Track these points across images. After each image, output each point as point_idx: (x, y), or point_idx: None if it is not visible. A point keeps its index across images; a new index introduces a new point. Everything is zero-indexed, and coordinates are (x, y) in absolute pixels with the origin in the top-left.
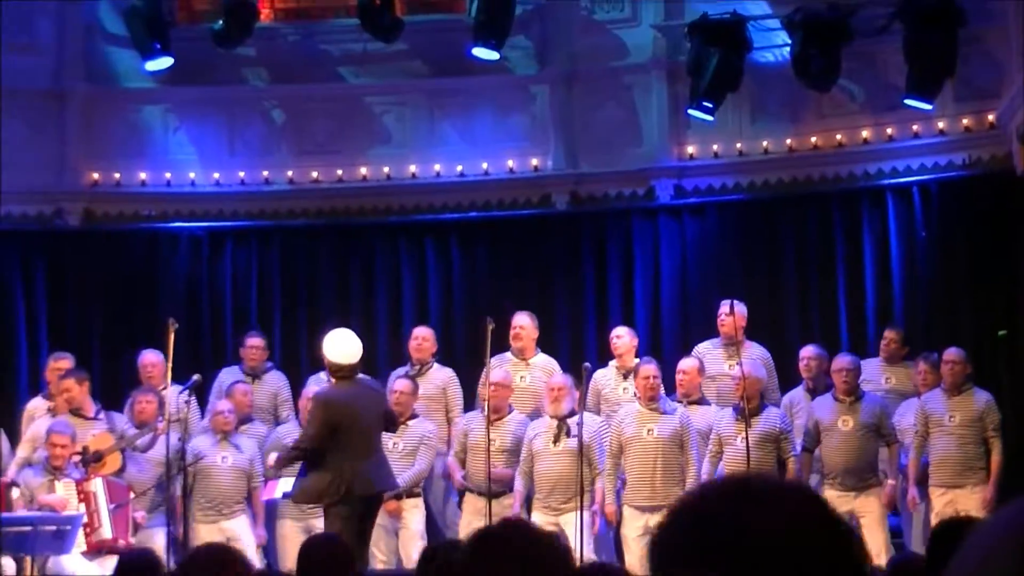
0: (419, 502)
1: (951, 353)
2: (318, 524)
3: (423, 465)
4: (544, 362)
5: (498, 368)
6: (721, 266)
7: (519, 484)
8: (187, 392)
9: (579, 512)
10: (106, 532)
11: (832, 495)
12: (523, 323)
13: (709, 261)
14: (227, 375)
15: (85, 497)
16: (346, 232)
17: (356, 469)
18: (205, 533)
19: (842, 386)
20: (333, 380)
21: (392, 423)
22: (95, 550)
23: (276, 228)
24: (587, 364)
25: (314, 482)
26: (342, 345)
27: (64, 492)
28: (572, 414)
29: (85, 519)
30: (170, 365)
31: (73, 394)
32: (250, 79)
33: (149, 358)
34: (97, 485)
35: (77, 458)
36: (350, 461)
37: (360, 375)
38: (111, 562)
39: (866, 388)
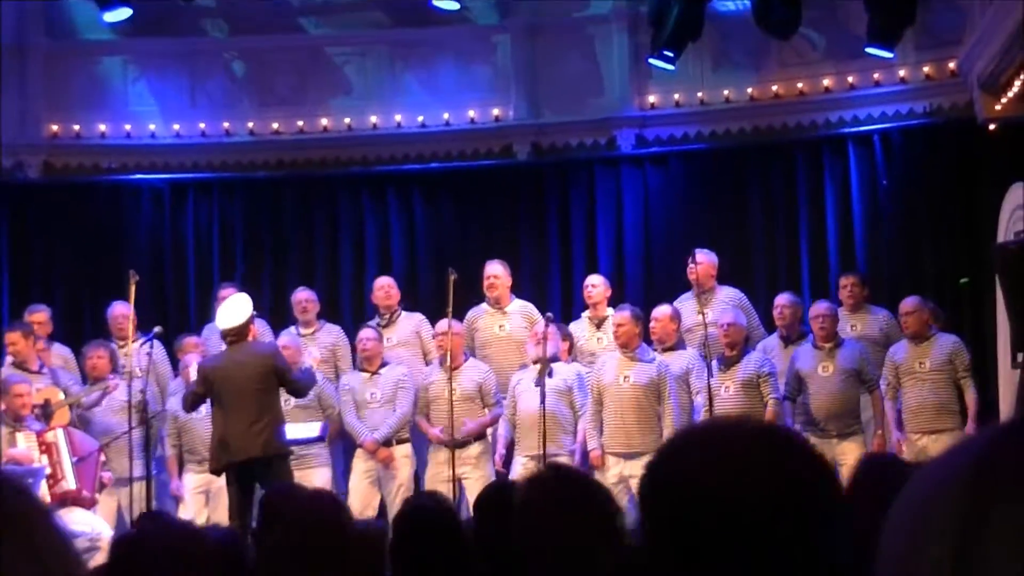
0: (408, 450)
1: (907, 303)
2: (312, 475)
3: (405, 408)
4: (521, 308)
5: (444, 320)
6: (683, 215)
7: (503, 429)
8: (149, 344)
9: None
10: (70, 483)
11: (814, 441)
12: (496, 272)
13: (672, 210)
14: (211, 330)
15: (47, 449)
16: (308, 183)
17: (229, 434)
18: (191, 483)
19: (820, 332)
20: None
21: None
22: (58, 502)
23: (238, 180)
24: (549, 314)
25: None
26: (224, 311)
27: (25, 444)
28: (555, 359)
29: (48, 471)
30: (131, 317)
31: (19, 347)
32: (210, 30)
33: (119, 310)
34: (58, 436)
35: (38, 411)
36: (225, 427)
37: (253, 340)
38: (78, 514)
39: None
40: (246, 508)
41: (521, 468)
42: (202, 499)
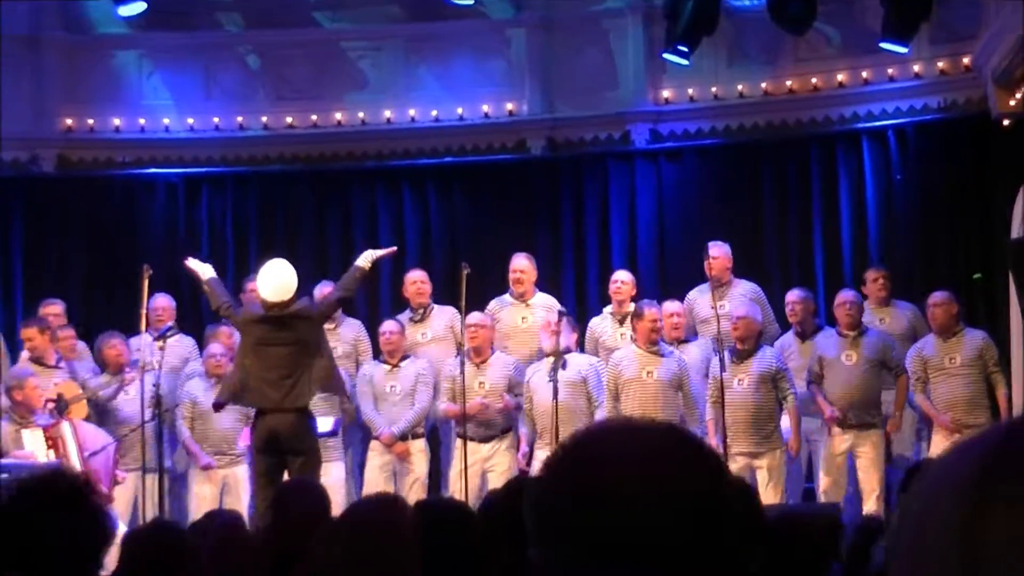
0: (424, 445)
1: (937, 296)
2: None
3: (424, 403)
4: (544, 301)
5: (475, 313)
6: (697, 210)
7: (524, 425)
8: (162, 339)
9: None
10: None
11: (835, 432)
12: (523, 266)
13: (685, 205)
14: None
15: (53, 443)
16: (322, 177)
17: (252, 380)
18: (203, 478)
19: (845, 319)
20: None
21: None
22: None
23: (252, 174)
24: (562, 308)
25: None
26: (271, 280)
27: (31, 440)
28: (568, 351)
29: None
30: (144, 311)
31: (36, 343)
32: (225, 24)
33: (160, 302)
34: (65, 430)
35: (52, 405)
36: (249, 373)
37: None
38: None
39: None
40: (269, 484)
41: (539, 464)
42: (216, 492)
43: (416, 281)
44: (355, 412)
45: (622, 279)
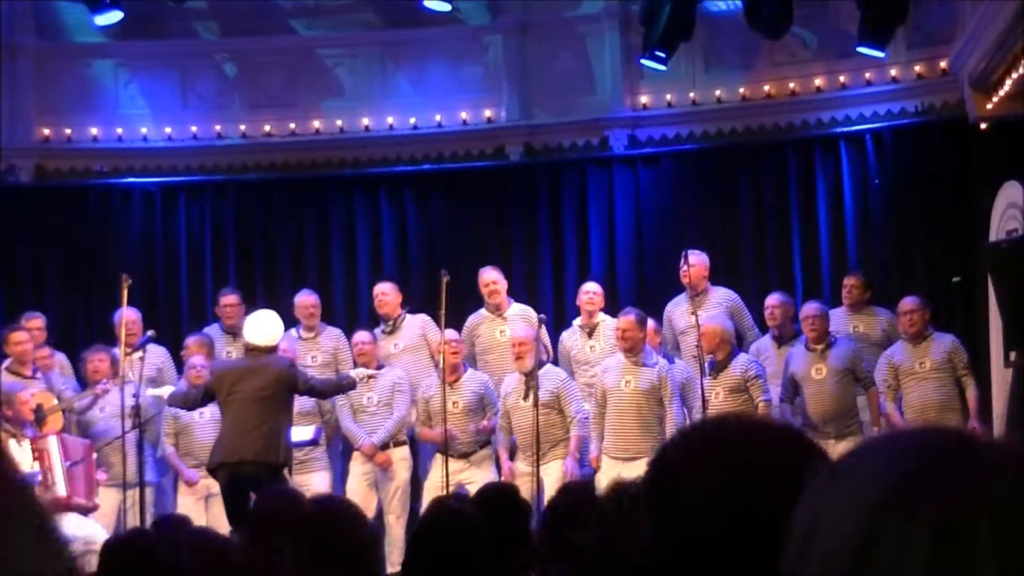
0: (406, 452)
1: (907, 303)
2: (312, 479)
3: (402, 411)
4: (520, 312)
5: (450, 330)
6: (676, 216)
7: (500, 439)
8: (141, 349)
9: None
10: (60, 490)
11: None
12: (494, 278)
13: (664, 211)
14: (210, 333)
15: (39, 455)
16: (300, 185)
17: (227, 435)
18: (187, 490)
19: (811, 334)
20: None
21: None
22: (50, 508)
23: (229, 182)
24: (542, 315)
25: None
26: (257, 326)
27: (17, 451)
28: (541, 365)
29: (40, 477)
30: (124, 321)
31: (26, 347)
32: (201, 32)
33: (127, 315)
34: (51, 443)
35: (32, 416)
36: (225, 428)
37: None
38: (71, 520)
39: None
40: (238, 514)
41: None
42: (201, 505)
43: (378, 294)
44: (336, 422)
45: (592, 290)
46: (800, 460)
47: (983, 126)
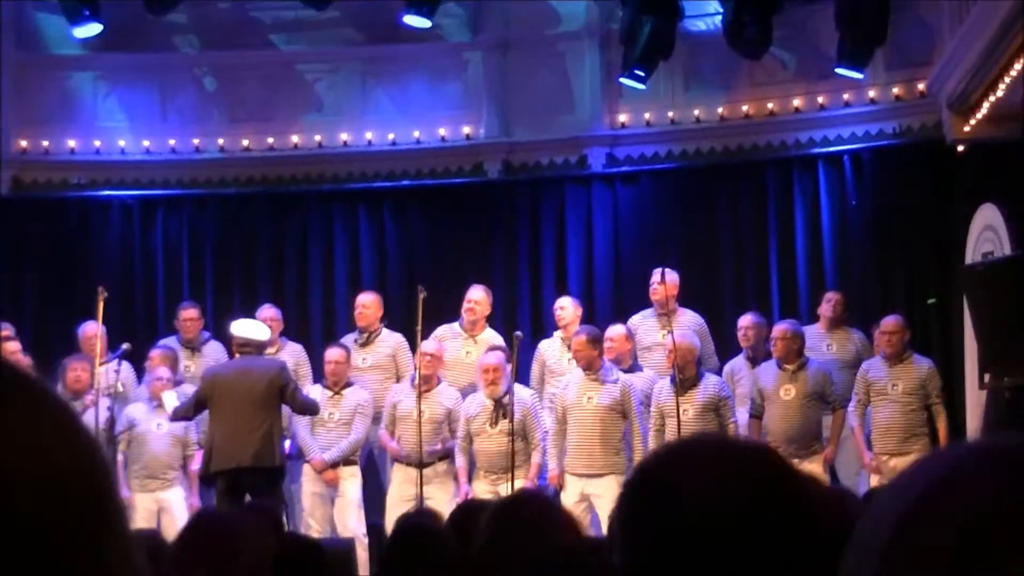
0: (356, 471)
1: (889, 322)
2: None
3: (359, 434)
4: (491, 337)
5: (430, 340)
6: (654, 235)
7: (460, 460)
8: (116, 361)
9: (510, 483)
10: None
11: None
12: (478, 298)
13: (642, 230)
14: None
15: None
16: (279, 200)
17: (221, 441)
18: (139, 503)
19: (779, 354)
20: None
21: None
22: None
23: (208, 196)
24: (518, 333)
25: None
26: (246, 324)
27: None
28: (508, 392)
29: None
30: (99, 334)
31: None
32: (181, 46)
33: (91, 329)
34: None
35: None
36: (219, 434)
37: (260, 354)
38: None
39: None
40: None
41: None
42: (154, 519)
43: (359, 305)
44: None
45: (561, 305)
46: (781, 482)
47: (960, 148)
